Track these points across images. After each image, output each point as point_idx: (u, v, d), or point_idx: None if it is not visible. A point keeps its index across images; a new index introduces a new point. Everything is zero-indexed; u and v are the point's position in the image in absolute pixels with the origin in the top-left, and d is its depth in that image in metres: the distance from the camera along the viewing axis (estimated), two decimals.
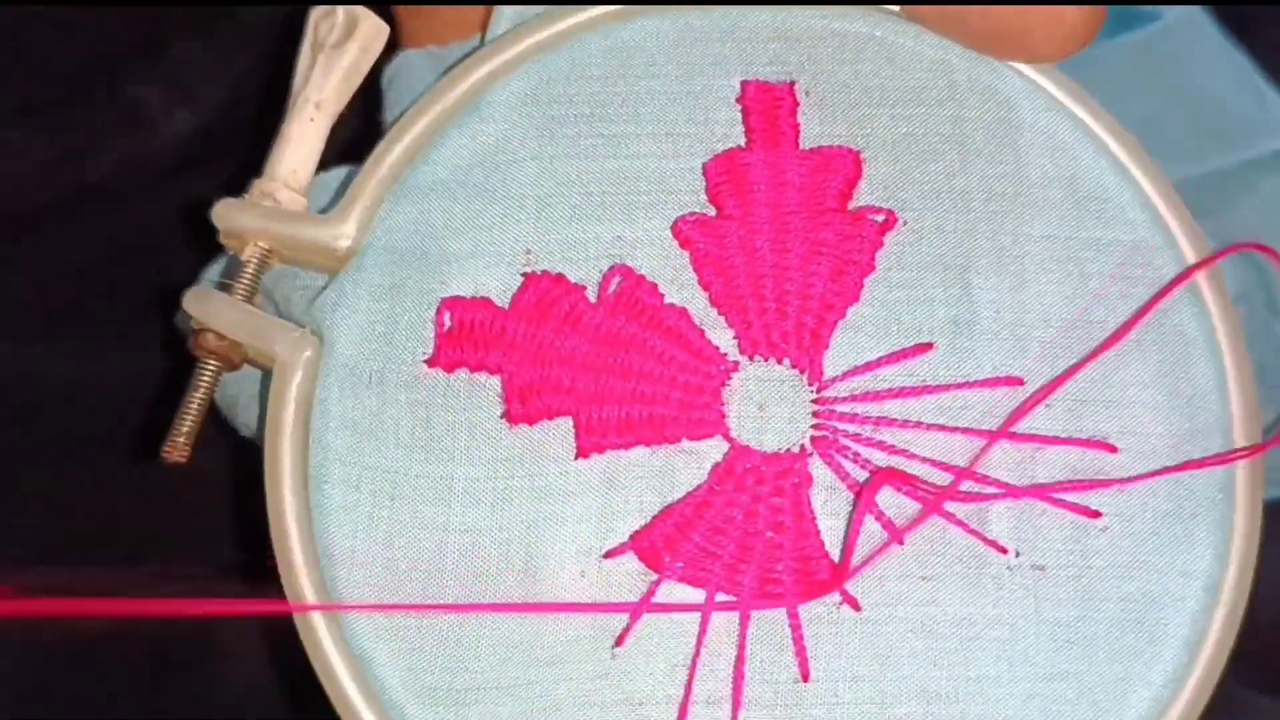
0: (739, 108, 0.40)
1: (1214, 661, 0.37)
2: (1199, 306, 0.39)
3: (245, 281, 0.39)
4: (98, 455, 0.47)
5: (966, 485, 0.37)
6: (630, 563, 0.36)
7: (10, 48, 0.48)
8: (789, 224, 0.39)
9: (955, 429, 0.37)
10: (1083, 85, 0.41)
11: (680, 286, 0.38)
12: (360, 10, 0.40)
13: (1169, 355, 0.38)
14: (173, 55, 0.49)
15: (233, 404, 0.42)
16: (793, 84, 0.40)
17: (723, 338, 0.38)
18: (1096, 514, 0.37)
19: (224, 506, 0.48)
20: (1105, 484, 0.37)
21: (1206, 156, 0.55)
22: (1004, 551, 0.37)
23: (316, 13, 0.40)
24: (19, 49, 0.48)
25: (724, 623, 0.36)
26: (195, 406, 0.38)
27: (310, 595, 0.36)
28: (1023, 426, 0.38)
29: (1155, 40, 0.56)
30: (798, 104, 0.40)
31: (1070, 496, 0.37)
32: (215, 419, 0.41)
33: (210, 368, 0.38)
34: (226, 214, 0.39)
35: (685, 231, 0.39)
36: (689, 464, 0.37)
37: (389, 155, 0.39)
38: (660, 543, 0.36)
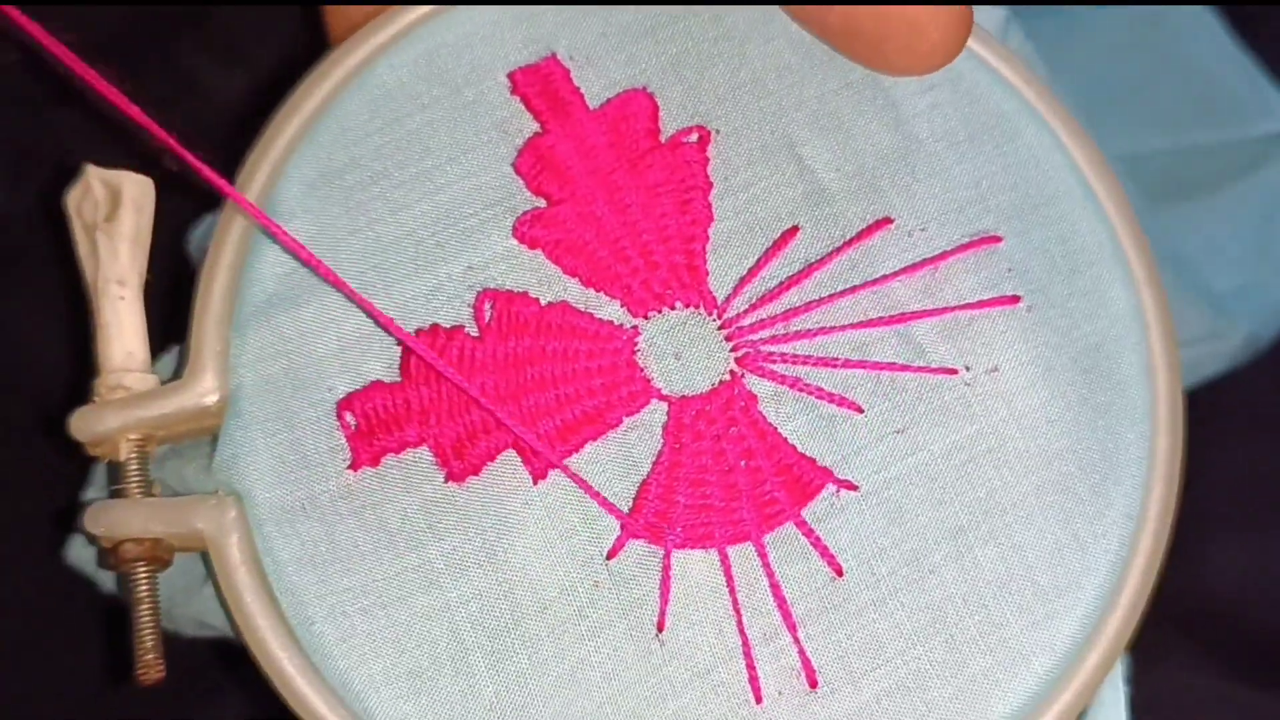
0: (517, 99, 0.39)
1: (1171, 381, 0.39)
2: (1003, 83, 0.40)
3: (135, 479, 0.37)
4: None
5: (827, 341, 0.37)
6: (635, 552, 0.36)
7: (59, 26, 0.45)
8: (616, 182, 0.39)
9: (853, 289, 0.38)
10: (1072, 44, 0.41)
11: (549, 284, 0.38)
12: (116, 175, 0.39)
13: (996, 134, 0.39)
14: (217, 23, 0.48)
15: (168, 610, 0.40)
16: (554, 55, 0.40)
17: (612, 311, 0.38)
18: (1015, 299, 0.38)
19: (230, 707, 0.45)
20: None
21: (1191, 130, 0.56)
22: (953, 372, 0.38)
23: (73, 196, 0.39)
24: (68, 26, 0.45)
25: (748, 561, 0.36)
26: (147, 618, 0.36)
27: None
28: (914, 256, 0.38)
29: (1154, 13, 0.57)
30: (568, 71, 0.40)
31: (982, 295, 0.38)
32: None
33: (142, 575, 0.37)
34: (84, 425, 0.37)
35: (527, 233, 0.38)
36: (641, 438, 0.37)
37: (212, 295, 0.38)
38: (652, 519, 0.36)
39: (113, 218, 0.38)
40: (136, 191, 0.39)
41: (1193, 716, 0.54)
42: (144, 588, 0.36)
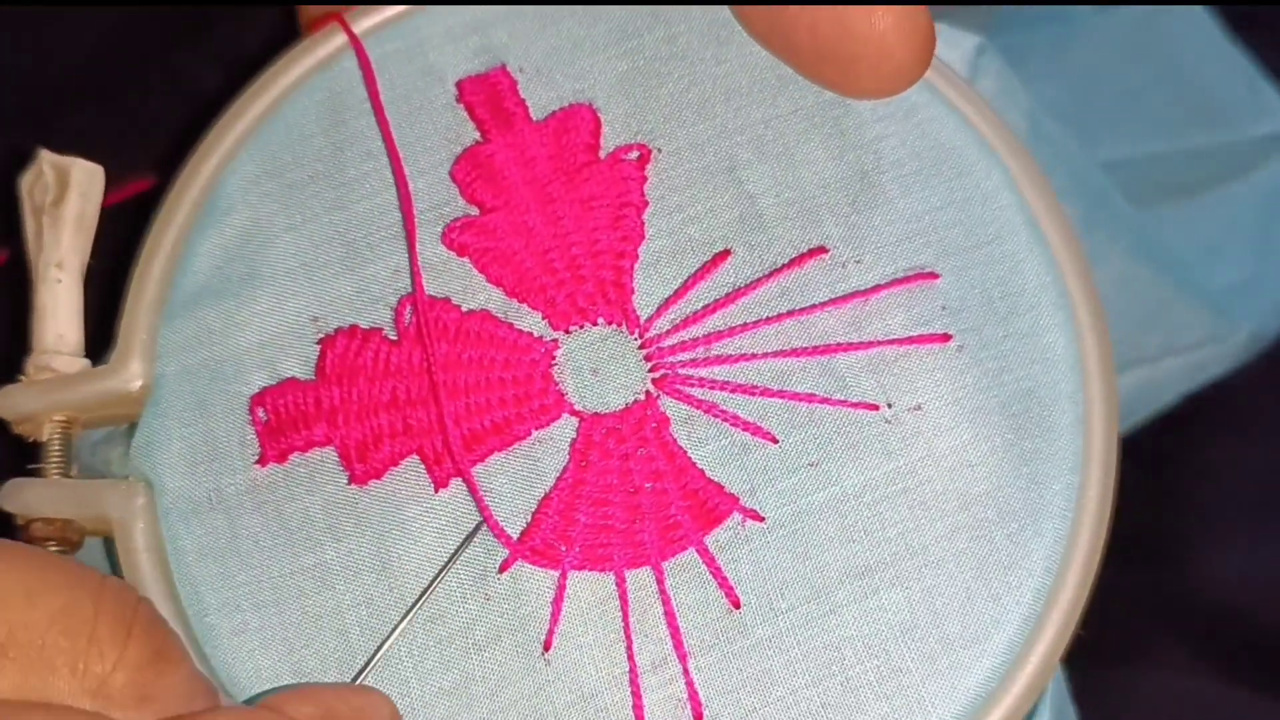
0: (461, 107, 0.39)
1: (1106, 433, 0.37)
2: (958, 116, 0.39)
3: (55, 459, 0.38)
4: None
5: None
6: (529, 568, 0.36)
7: (64, 35, 0.46)
8: (552, 194, 0.38)
9: (779, 316, 0.37)
10: (1069, 48, 0.41)
11: (473, 292, 0.38)
12: (66, 160, 0.39)
13: (945, 169, 0.38)
14: (218, 31, 0.48)
15: None
16: (503, 66, 0.40)
17: (533, 323, 0.38)
18: (945, 337, 0.37)
19: None
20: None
21: (1187, 134, 0.56)
22: (874, 408, 0.37)
23: (26, 180, 0.39)
24: (73, 36, 0.46)
25: (644, 586, 0.36)
26: None
27: None
28: (845, 287, 0.38)
29: (1150, 15, 0.57)
30: (515, 82, 0.39)
31: (911, 331, 0.37)
32: None
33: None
34: (7, 403, 0.37)
35: (456, 239, 0.38)
36: (548, 452, 0.36)
37: (147, 282, 0.38)
38: (550, 536, 0.36)
39: (59, 202, 0.39)
40: (83, 178, 0.39)
41: (1191, 718, 0.53)
42: None
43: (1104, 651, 0.54)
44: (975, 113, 0.39)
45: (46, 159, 0.39)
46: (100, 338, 0.39)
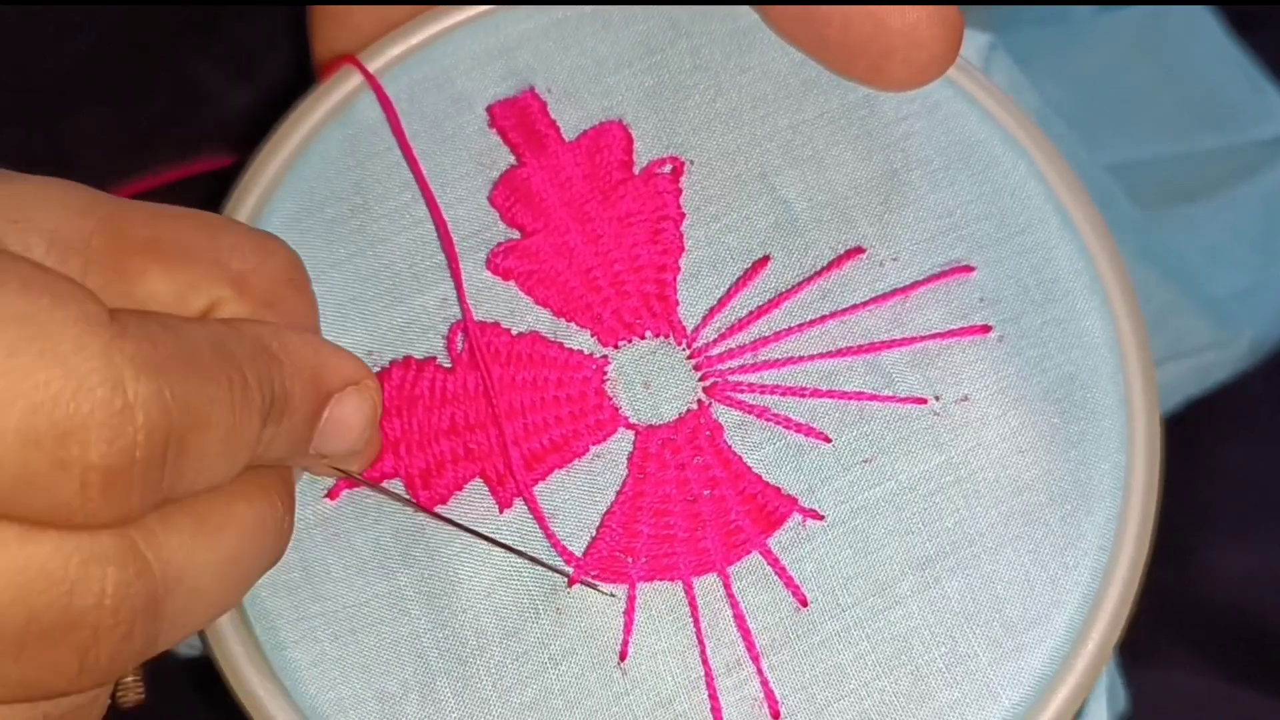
0: (494, 132, 0.40)
1: (1149, 412, 0.38)
2: (980, 110, 0.40)
3: None
4: None
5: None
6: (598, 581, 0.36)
7: (69, 34, 0.46)
8: (590, 213, 0.39)
9: (823, 318, 0.38)
10: (1072, 49, 0.41)
11: (521, 315, 0.39)
12: None
13: (972, 163, 0.39)
14: (224, 34, 0.49)
15: None
16: (532, 89, 0.40)
17: (582, 341, 0.38)
18: (985, 329, 0.38)
19: None
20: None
21: (1193, 136, 0.56)
22: (922, 401, 0.37)
23: None
24: (77, 35, 0.46)
25: (712, 591, 0.36)
26: None
27: None
28: (884, 285, 0.38)
29: (1156, 17, 0.57)
30: (544, 104, 0.40)
31: (952, 324, 0.38)
32: None
33: None
34: None
35: (500, 264, 0.39)
36: (606, 467, 0.37)
37: None
38: (616, 549, 0.36)
39: None
40: None
41: (1193, 718, 0.54)
42: None
43: None
44: (996, 105, 0.40)
45: None
46: None
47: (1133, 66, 0.56)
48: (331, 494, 0.37)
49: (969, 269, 0.38)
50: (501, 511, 0.37)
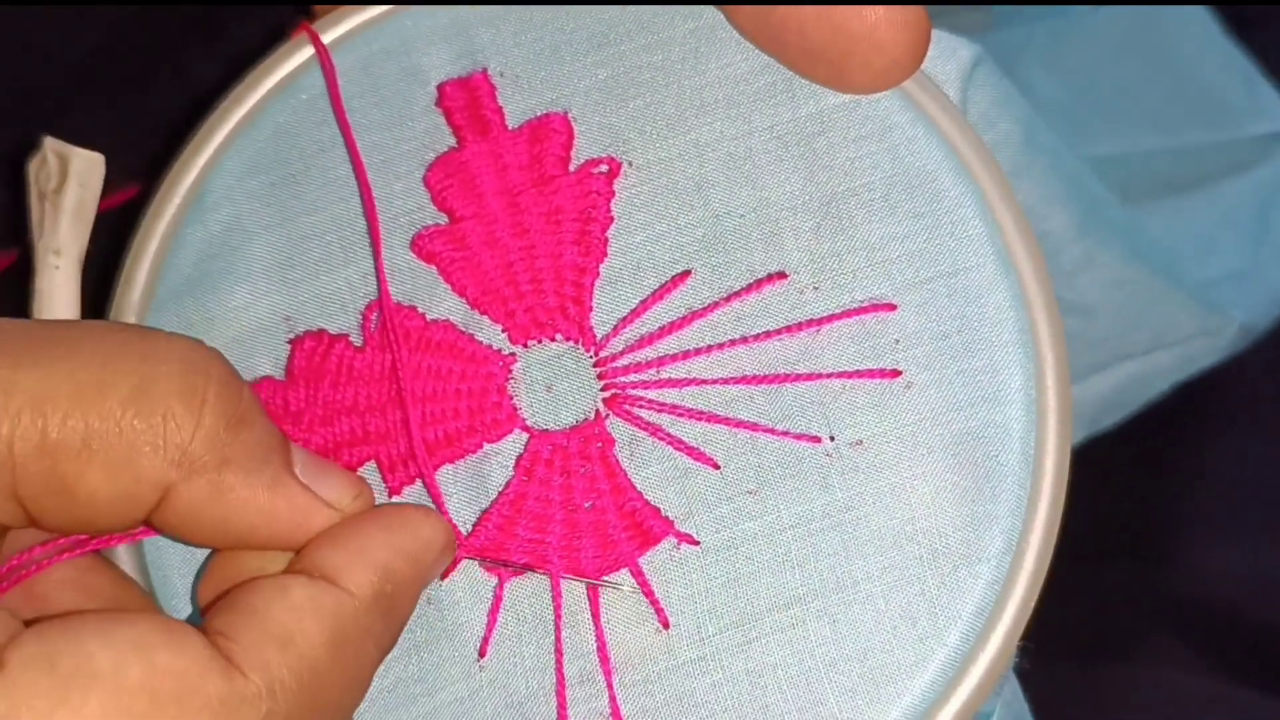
0: (440, 111, 0.40)
1: (1056, 480, 0.37)
2: (937, 138, 0.39)
3: None
4: None
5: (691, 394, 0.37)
6: (469, 576, 0.37)
7: (71, 33, 0.48)
8: (521, 205, 0.39)
9: (732, 342, 0.37)
10: (1067, 43, 0.41)
11: (438, 300, 0.39)
12: (68, 148, 0.41)
13: (916, 195, 0.38)
14: (229, 33, 0.50)
15: None
16: (485, 71, 0.40)
17: (493, 335, 0.39)
18: (895, 373, 0.37)
19: None
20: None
21: (1187, 130, 0.55)
22: (816, 440, 0.37)
23: (33, 165, 0.41)
24: (79, 33, 0.48)
25: (579, 601, 0.37)
26: None
27: None
28: (801, 314, 0.38)
29: (1149, 12, 0.56)
30: (494, 89, 0.40)
31: (861, 364, 0.37)
32: None
33: None
34: None
35: (425, 246, 0.39)
36: (496, 466, 0.38)
37: (137, 273, 0.40)
38: (489, 546, 0.37)
39: (59, 190, 0.41)
40: (83, 167, 0.41)
41: (1190, 717, 0.53)
42: None
43: (1102, 648, 0.54)
44: (957, 135, 0.39)
45: (50, 146, 0.41)
46: None
47: (1128, 60, 0.54)
48: None
49: (891, 307, 0.37)
50: (391, 496, 0.38)
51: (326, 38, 0.41)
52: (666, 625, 0.36)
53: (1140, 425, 0.53)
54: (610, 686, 0.36)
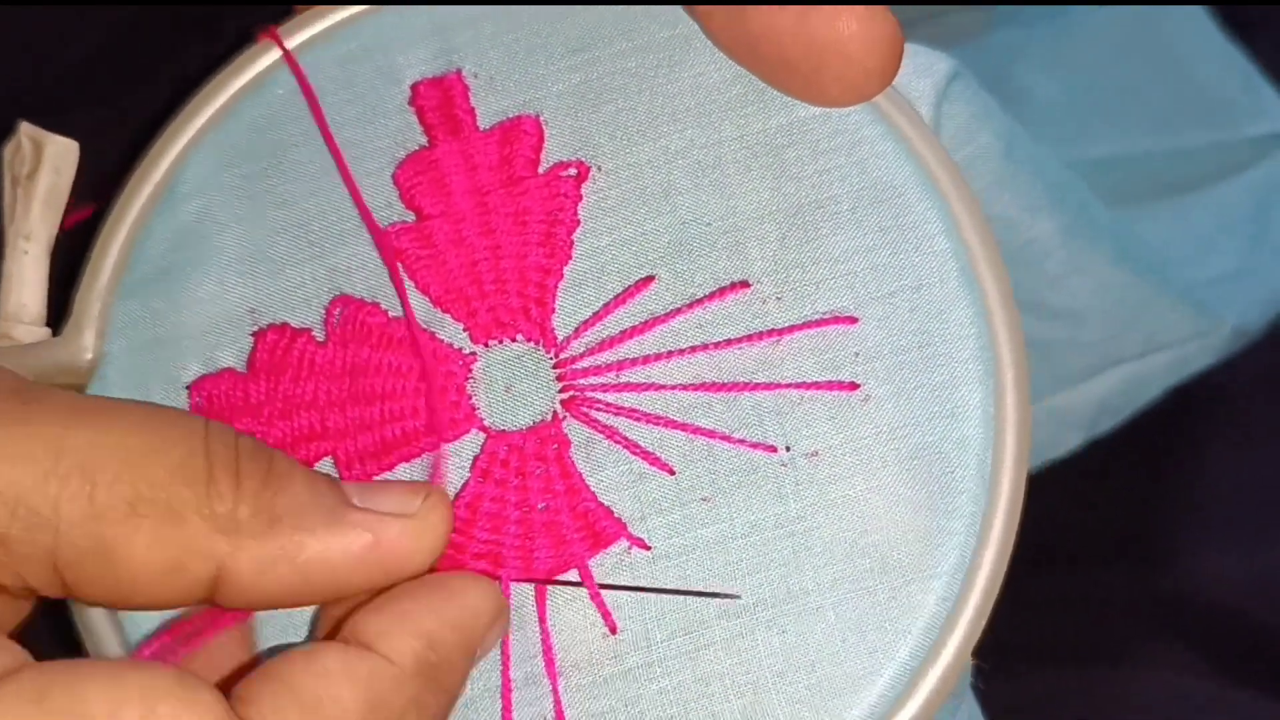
0: (413, 110, 0.40)
1: (1012, 497, 0.37)
2: (905, 152, 0.39)
3: None
4: None
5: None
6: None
7: (70, 34, 0.48)
8: (489, 205, 0.39)
9: (692, 349, 0.37)
10: (1066, 43, 0.41)
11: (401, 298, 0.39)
12: (42, 134, 0.41)
13: (882, 208, 0.38)
14: (227, 31, 0.49)
15: None
16: (459, 71, 0.40)
17: (454, 333, 0.39)
18: (852, 386, 0.37)
19: None
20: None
21: (1181, 131, 0.55)
22: (772, 450, 0.37)
23: (7, 150, 0.41)
24: (79, 35, 0.48)
25: (528, 604, 0.37)
26: None
27: None
28: (762, 324, 0.38)
29: (1148, 13, 0.56)
30: (468, 88, 0.40)
31: (820, 376, 0.37)
32: None
33: None
34: None
35: (391, 244, 0.39)
36: (452, 466, 0.38)
37: (106, 258, 0.40)
38: (447, 552, 0.37)
39: (32, 175, 0.41)
40: (57, 153, 0.41)
41: (1188, 717, 0.53)
42: None
43: (1100, 650, 0.54)
44: (926, 149, 0.39)
45: (25, 131, 0.41)
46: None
47: (1125, 61, 0.54)
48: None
49: (852, 320, 0.37)
50: None
51: (302, 35, 0.41)
52: (614, 630, 0.36)
53: (1138, 429, 0.53)
54: (555, 690, 0.36)
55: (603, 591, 0.36)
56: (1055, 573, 0.37)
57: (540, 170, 0.39)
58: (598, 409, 0.38)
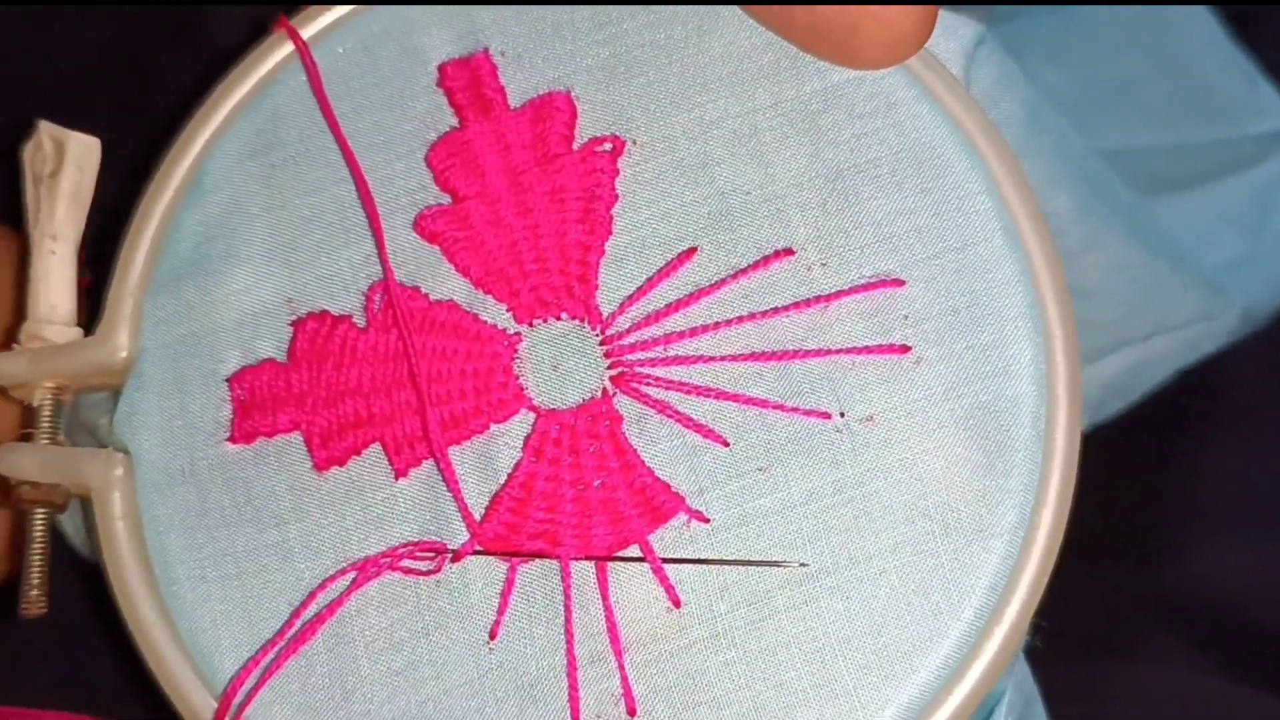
0: (441, 92, 0.40)
1: (1068, 454, 0.37)
2: (941, 114, 0.38)
3: (45, 425, 0.39)
4: None
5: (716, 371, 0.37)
6: (482, 558, 0.37)
7: (46, 39, 0.48)
8: (524, 184, 0.39)
9: (740, 319, 0.37)
10: (1068, 39, 0.40)
11: (441, 281, 0.38)
12: (63, 132, 0.40)
13: (922, 170, 0.38)
14: (207, 36, 0.49)
15: (85, 537, 0.42)
16: (486, 51, 0.40)
17: (498, 315, 0.38)
18: (904, 349, 0.37)
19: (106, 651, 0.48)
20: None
21: (1185, 128, 0.55)
22: (827, 416, 0.37)
23: (28, 150, 0.41)
24: (54, 40, 0.48)
25: (589, 582, 0.36)
26: (38, 559, 0.39)
27: (195, 695, 0.37)
28: (809, 291, 0.37)
29: (1153, 11, 0.56)
30: (496, 67, 0.40)
31: (871, 340, 0.37)
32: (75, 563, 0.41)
33: (39, 517, 0.39)
34: (1, 370, 0.39)
35: (428, 227, 0.39)
36: (503, 447, 0.37)
37: (135, 256, 0.40)
38: (503, 530, 0.37)
39: (56, 174, 0.40)
40: (80, 151, 0.40)
41: (1192, 715, 0.53)
42: (39, 529, 0.39)
43: (1102, 647, 0.54)
44: (962, 110, 0.39)
45: (45, 130, 0.40)
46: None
47: (1128, 56, 0.54)
48: (232, 438, 0.38)
49: (899, 283, 0.37)
50: (397, 479, 0.37)
51: (319, 23, 0.40)
52: (678, 604, 0.36)
53: (1142, 422, 0.53)
54: (621, 667, 0.36)
55: (665, 566, 0.36)
56: (1059, 567, 0.37)
57: (575, 146, 0.39)
58: (648, 384, 0.37)
